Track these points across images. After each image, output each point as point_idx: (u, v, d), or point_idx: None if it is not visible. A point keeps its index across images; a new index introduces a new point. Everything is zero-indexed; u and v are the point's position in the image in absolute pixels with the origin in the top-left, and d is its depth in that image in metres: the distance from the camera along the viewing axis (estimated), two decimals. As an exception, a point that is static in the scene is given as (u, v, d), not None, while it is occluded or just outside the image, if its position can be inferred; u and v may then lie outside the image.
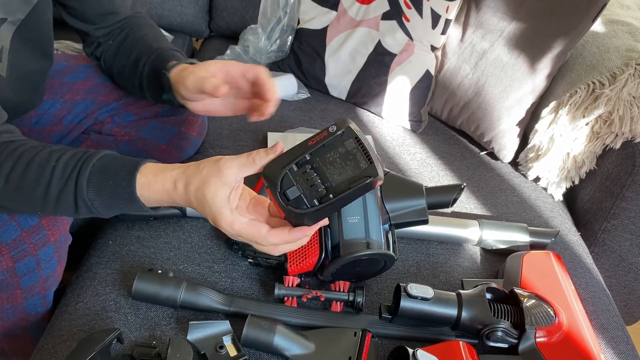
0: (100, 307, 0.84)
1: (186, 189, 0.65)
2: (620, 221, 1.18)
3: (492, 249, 1.04)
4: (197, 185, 0.64)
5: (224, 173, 0.63)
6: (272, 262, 0.91)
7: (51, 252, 0.82)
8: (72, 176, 0.67)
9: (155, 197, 0.67)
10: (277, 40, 1.44)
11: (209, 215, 0.66)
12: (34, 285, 0.83)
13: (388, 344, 0.85)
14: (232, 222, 0.65)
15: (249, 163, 0.64)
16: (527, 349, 0.80)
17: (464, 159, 1.33)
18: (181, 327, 0.83)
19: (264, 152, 0.64)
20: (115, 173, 0.67)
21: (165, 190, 0.66)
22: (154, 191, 0.67)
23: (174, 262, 0.93)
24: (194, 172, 0.65)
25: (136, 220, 0.99)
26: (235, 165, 0.64)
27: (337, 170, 0.61)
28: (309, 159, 0.62)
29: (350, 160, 0.61)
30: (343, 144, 0.61)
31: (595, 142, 1.18)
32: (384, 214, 0.89)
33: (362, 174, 0.60)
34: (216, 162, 0.65)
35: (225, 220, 0.65)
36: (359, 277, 0.92)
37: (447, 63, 1.36)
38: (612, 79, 1.14)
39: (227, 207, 0.64)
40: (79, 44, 1.40)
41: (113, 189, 0.67)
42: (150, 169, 0.68)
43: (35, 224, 0.79)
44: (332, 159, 0.61)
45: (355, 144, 0.61)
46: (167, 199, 0.67)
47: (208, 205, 0.65)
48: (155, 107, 1.08)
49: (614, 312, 0.99)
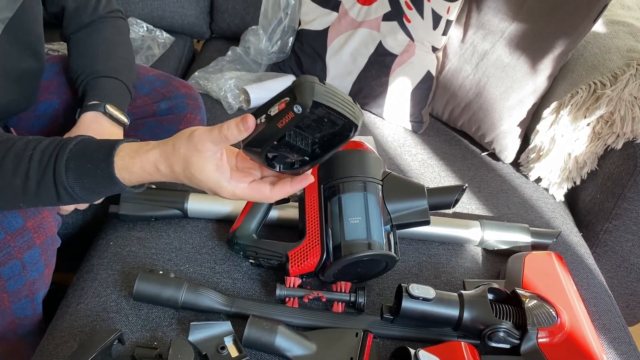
0: (102, 308, 0.84)
1: (172, 170, 0.64)
2: (621, 222, 1.18)
3: (494, 249, 1.04)
4: (182, 166, 0.63)
5: (200, 150, 0.62)
6: (273, 262, 0.90)
7: (37, 255, 0.80)
8: (49, 163, 0.66)
9: (136, 178, 0.66)
10: (278, 41, 1.44)
11: (207, 190, 0.66)
12: (21, 289, 0.82)
13: (390, 344, 0.85)
14: (233, 191, 0.65)
15: (221, 139, 0.61)
16: (529, 350, 0.80)
17: (465, 160, 1.33)
18: (182, 327, 0.82)
19: (234, 127, 0.60)
20: (93, 156, 0.66)
21: (146, 173, 0.65)
22: (134, 173, 0.65)
23: (175, 263, 0.93)
24: (172, 151, 0.64)
25: (137, 221, 0.99)
26: (209, 141, 0.62)
27: (321, 131, 0.61)
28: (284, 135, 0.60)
29: (327, 122, 0.59)
30: (314, 113, 0.57)
31: (597, 142, 1.17)
32: (386, 215, 0.89)
33: (342, 130, 0.60)
34: (190, 139, 0.62)
35: (226, 192, 0.65)
36: (361, 277, 0.91)
37: (448, 64, 1.36)
38: (614, 80, 1.13)
39: (221, 179, 0.64)
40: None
41: (92, 172, 0.65)
42: (126, 150, 0.66)
43: (20, 226, 0.77)
44: (311, 126, 0.60)
45: (326, 111, 0.57)
46: (149, 180, 0.66)
47: (201, 182, 0.64)
48: (153, 106, 1.08)
49: (616, 312, 0.98)
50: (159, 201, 0.99)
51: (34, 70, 0.95)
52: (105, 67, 0.98)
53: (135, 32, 1.55)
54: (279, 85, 1.40)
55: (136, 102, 1.07)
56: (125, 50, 1.06)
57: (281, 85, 1.40)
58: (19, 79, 0.91)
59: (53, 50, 1.34)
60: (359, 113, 0.60)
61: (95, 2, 1.03)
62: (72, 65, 1.00)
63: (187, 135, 0.63)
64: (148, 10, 1.59)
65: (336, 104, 0.57)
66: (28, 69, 0.93)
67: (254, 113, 0.61)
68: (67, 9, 1.01)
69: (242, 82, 1.38)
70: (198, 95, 1.16)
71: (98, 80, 0.96)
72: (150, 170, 0.65)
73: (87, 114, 0.91)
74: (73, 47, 1.02)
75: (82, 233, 1.11)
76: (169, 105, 1.09)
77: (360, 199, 0.88)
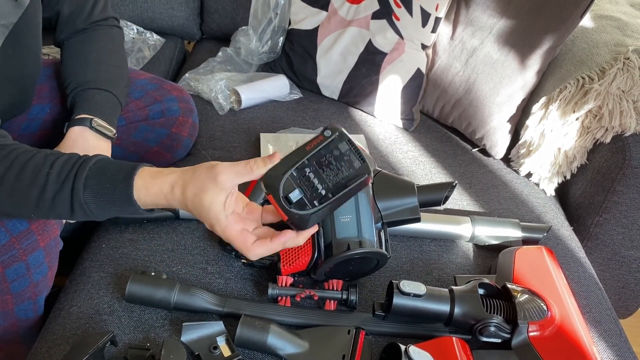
0: (94, 310, 0.85)
1: (183, 193, 0.67)
2: (612, 215, 1.19)
3: (485, 245, 1.04)
4: (195, 191, 0.66)
5: (220, 180, 0.65)
6: (265, 262, 0.91)
7: (41, 257, 0.82)
8: (68, 179, 0.68)
9: (151, 200, 0.68)
10: (269, 41, 1.44)
11: (206, 220, 0.68)
12: (25, 291, 0.83)
13: (382, 341, 0.85)
14: (226, 227, 0.67)
15: (245, 171, 0.66)
16: (520, 344, 0.81)
17: (456, 156, 1.33)
18: (175, 328, 0.83)
19: (261, 162, 0.66)
20: (113, 176, 0.68)
21: (162, 194, 0.67)
22: (151, 194, 0.68)
23: (167, 265, 0.93)
24: (191, 177, 0.67)
25: (129, 224, 0.99)
26: (232, 172, 0.65)
27: (333, 172, 0.66)
28: (307, 163, 0.66)
29: (344, 161, 0.66)
30: (337, 146, 0.66)
31: (586, 136, 1.18)
32: (376, 213, 0.89)
33: (357, 173, 0.66)
34: (212, 168, 0.66)
35: (220, 226, 0.67)
36: (352, 275, 0.92)
37: (438, 61, 1.37)
38: (601, 74, 1.14)
39: (223, 213, 0.66)
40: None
41: (110, 192, 0.68)
42: (147, 172, 0.69)
43: (25, 229, 0.79)
44: (328, 162, 0.66)
45: (349, 146, 0.66)
46: (163, 202, 0.68)
47: (205, 211, 0.66)
48: (145, 110, 1.08)
49: (607, 305, 0.99)
50: (150, 203, 0.99)
51: (33, 75, 0.95)
52: (96, 78, 0.99)
53: (126, 35, 1.54)
54: (270, 86, 1.40)
55: (128, 106, 1.08)
56: (118, 59, 1.05)
57: (272, 85, 1.40)
58: (19, 83, 0.92)
59: (44, 54, 1.34)
60: (372, 165, 0.68)
61: (90, 8, 1.03)
62: (63, 72, 1.00)
63: (208, 166, 0.67)
64: (138, 12, 1.59)
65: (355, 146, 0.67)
66: (29, 73, 0.93)
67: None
68: (61, 13, 1.01)
69: (233, 82, 1.38)
70: (190, 98, 1.16)
71: (87, 92, 0.96)
72: (166, 191, 0.67)
73: (74, 128, 0.92)
74: (65, 53, 1.02)
75: (75, 237, 1.11)
76: (161, 109, 1.10)
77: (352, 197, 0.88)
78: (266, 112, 1.37)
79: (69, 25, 1.02)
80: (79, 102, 0.95)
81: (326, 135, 0.66)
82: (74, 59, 1.01)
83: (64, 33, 1.03)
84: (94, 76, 0.99)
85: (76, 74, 0.99)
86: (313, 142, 0.66)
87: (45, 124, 1.04)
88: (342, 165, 0.66)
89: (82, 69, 1.00)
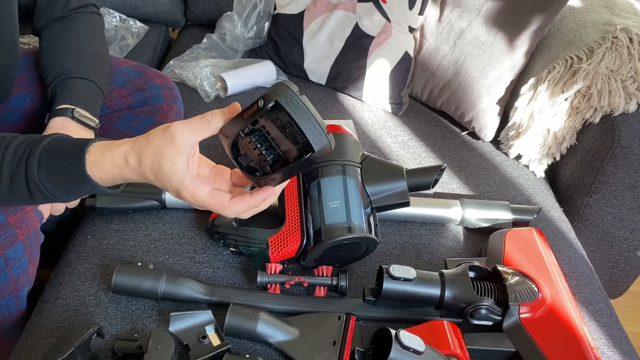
0: (80, 302, 0.83)
1: (140, 163, 0.62)
2: (602, 195, 1.19)
3: (475, 227, 1.04)
4: (152, 158, 0.61)
5: (177, 140, 0.60)
6: (253, 249, 0.90)
7: (20, 250, 0.79)
8: (22, 159, 0.64)
9: (106, 175, 0.64)
10: (254, 26, 1.42)
11: (170, 187, 0.63)
12: (5, 285, 0.81)
13: (372, 326, 0.84)
14: (194, 191, 0.62)
15: (203, 126, 0.60)
16: (511, 326, 0.81)
17: (445, 140, 1.32)
18: (163, 319, 0.82)
19: (220, 113, 0.60)
20: (65, 152, 0.64)
21: (115, 166, 0.63)
22: (104, 168, 0.63)
23: (154, 255, 0.92)
24: (145, 144, 0.62)
25: (115, 214, 0.98)
26: (189, 130, 0.60)
27: (281, 141, 0.58)
28: (252, 128, 0.59)
29: (288, 133, 0.57)
30: (277, 117, 0.56)
31: (575, 117, 1.17)
32: (365, 198, 0.89)
33: (301, 150, 0.57)
34: (166, 129, 0.61)
35: (187, 190, 0.62)
36: (342, 261, 0.91)
37: (426, 44, 1.35)
38: (590, 54, 1.13)
39: (187, 177, 0.62)
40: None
41: (63, 168, 0.64)
42: (99, 146, 0.64)
43: (2, 222, 0.76)
44: (273, 130, 0.58)
45: (288, 119, 0.56)
46: (119, 175, 0.64)
47: (167, 177, 0.62)
48: (128, 98, 1.07)
49: (597, 285, 0.99)
50: (136, 193, 0.98)
51: (10, 64, 0.93)
52: (76, 67, 0.96)
53: (108, 22, 1.52)
54: (256, 72, 1.38)
55: (111, 94, 1.06)
56: (98, 47, 1.03)
57: (258, 71, 1.39)
58: None
59: (23, 44, 1.31)
60: (324, 141, 0.56)
61: None
62: (43, 62, 0.98)
63: (162, 128, 0.61)
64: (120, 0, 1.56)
65: (300, 118, 0.55)
66: (5, 63, 0.91)
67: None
68: (38, 1, 0.99)
69: (218, 69, 1.36)
70: (174, 85, 1.15)
71: (68, 82, 0.94)
72: (119, 163, 0.63)
73: (55, 119, 0.90)
74: (44, 42, 1.00)
75: (60, 228, 1.10)
76: (145, 97, 1.08)
77: (339, 182, 0.88)
78: (253, 99, 1.30)
79: (46, 12, 0.99)
80: (60, 92, 0.93)
81: (259, 106, 0.56)
82: (53, 47, 0.99)
83: (42, 21, 1.00)
84: (75, 65, 0.97)
85: (56, 63, 0.97)
86: (249, 110, 0.58)
87: (26, 115, 1.02)
88: (287, 137, 0.57)
89: (62, 57, 0.97)
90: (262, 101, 0.56)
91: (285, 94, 0.56)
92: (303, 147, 0.56)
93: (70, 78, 0.95)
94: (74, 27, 1.01)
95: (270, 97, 0.56)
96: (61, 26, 1.00)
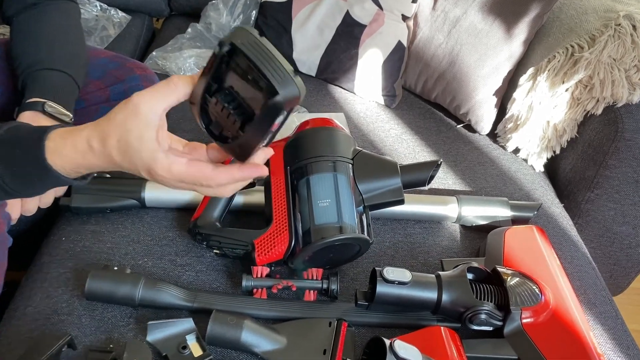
0: (52, 310, 0.78)
1: (104, 145, 0.55)
2: (604, 190, 1.16)
3: (472, 225, 1.00)
4: (117, 135, 0.54)
5: (142, 111, 0.53)
6: (239, 252, 0.85)
7: None
8: None
9: (69, 164, 0.58)
10: (240, 15, 1.39)
11: (141, 165, 0.56)
12: None
13: (365, 332, 0.80)
14: (169, 165, 0.55)
15: (169, 91, 0.54)
16: (513, 331, 0.76)
17: (440, 133, 1.29)
18: (141, 327, 0.77)
19: (186, 77, 0.55)
20: (23, 141, 0.58)
21: (78, 153, 0.57)
22: (66, 157, 0.57)
23: (132, 257, 0.87)
24: (107, 123, 0.55)
25: (91, 214, 0.93)
26: (154, 98, 0.54)
27: (246, 92, 0.52)
28: (217, 87, 0.53)
29: (250, 81, 0.50)
30: (237, 63, 0.50)
31: (576, 108, 1.14)
32: (357, 196, 0.85)
33: (265, 95, 0.50)
34: (128, 101, 0.54)
35: (161, 165, 0.55)
36: (333, 263, 0.87)
37: (420, 33, 1.31)
38: (591, 42, 1.10)
39: (159, 150, 0.55)
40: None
41: (22, 158, 0.58)
42: (59, 132, 0.58)
43: None
44: (236, 81, 0.52)
45: (247, 63, 0.49)
46: (83, 163, 0.58)
47: (137, 154, 0.55)
48: (105, 91, 1.02)
49: (601, 285, 0.95)
50: (114, 191, 0.93)
51: None
52: (49, 58, 0.91)
53: (88, 12, 1.46)
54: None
55: (87, 87, 1.00)
56: (73, 36, 0.98)
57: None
58: None
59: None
60: (289, 82, 0.49)
61: None
62: (13, 52, 0.92)
63: (125, 101, 0.55)
64: (101, -12, 1.50)
65: (259, 60, 0.49)
66: None
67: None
68: None
69: (203, 60, 1.31)
70: (155, 76, 1.10)
71: (40, 74, 0.89)
72: (82, 149, 0.56)
73: (25, 113, 0.84)
74: (15, 31, 0.94)
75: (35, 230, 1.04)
76: (123, 89, 1.03)
77: (330, 180, 0.83)
78: None
79: None
80: (31, 85, 0.88)
81: (215, 53, 0.50)
82: (25, 37, 0.93)
83: (13, 8, 0.94)
84: (47, 56, 0.91)
85: (27, 53, 0.91)
86: (208, 64, 0.52)
87: (-4, 108, 0.96)
88: (250, 85, 0.51)
89: (33, 48, 0.92)
90: (217, 47, 0.50)
91: (242, 35, 0.49)
92: (267, 91, 0.49)
93: (42, 69, 0.89)
94: (47, 15, 0.96)
95: (226, 40, 0.50)
96: (33, 14, 0.95)
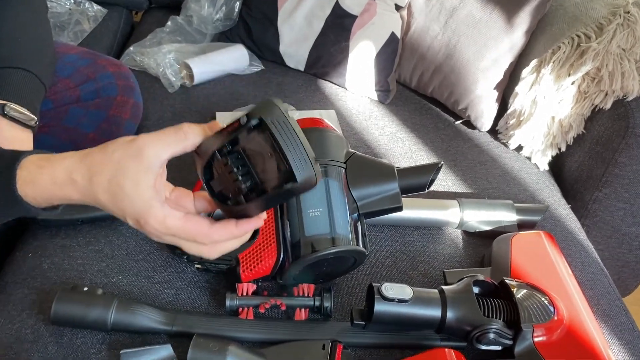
0: (14, 337, 0.71)
1: (90, 182, 0.51)
2: (612, 189, 1.11)
3: (476, 231, 0.95)
4: (109, 174, 0.50)
5: (145, 155, 0.50)
6: (222, 266, 0.78)
7: None
8: None
9: (43, 195, 0.53)
10: (223, 7, 1.33)
11: (130, 213, 0.52)
12: None
13: (363, 354, 0.75)
14: (164, 218, 0.51)
15: (178, 139, 0.51)
16: (524, 351, 0.71)
17: (438, 130, 1.25)
18: (114, 354, 0.71)
19: (198, 127, 0.52)
20: None
21: (55, 185, 0.52)
22: (41, 187, 0.53)
23: (105, 275, 0.80)
24: (101, 158, 0.51)
25: (61, 226, 0.86)
26: (161, 144, 0.50)
27: (260, 167, 0.51)
28: (230, 149, 0.51)
29: (270, 158, 0.50)
30: (259, 137, 0.50)
31: (583, 102, 1.10)
32: (351, 203, 0.79)
33: (282, 178, 0.50)
34: (132, 142, 0.51)
35: (155, 217, 0.51)
36: (326, 277, 0.82)
37: (414, 23, 1.27)
38: (599, 31, 1.06)
39: (156, 199, 0.51)
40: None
41: None
42: (34, 160, 0.54)
43: None
44: (254, 153, 0.51)
45: (271, 141, 0.49)
46: (58, 195, 0.53)
47: (128, 200, 0.51)
48: (75, 90, 0.97)
49: (615, 295, 0.90)
50: (85, 201, 0.85)
51: None
52: (11, 55, 0.84)
53: (61, 5, 1.39)
54: (227, 57, 1.28)
55: (56, 86, 0.94)
56: (39, 31, 0.91)
57: (229, 57, 1.28)
58: None
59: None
60: (309, 171, 0.49)
61: None
62: None
63: (127, 140, 0.51)
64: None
65: (285, 141, 0.49)
66: None
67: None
68: None
69: (184, 55, 1.25)
70: (130, 73, 1.05)
71: (0, 73, 0.82)
72: (61, 181, 0.52)
73: None
74: None
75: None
76: (95, 88, 0.98)
77: (321, 186, 0.78)
78: (223, 88, 1.26)
79: None
80: None
81: (241, 123, 0.51)
82: None
83: None
84: (9, 52, 0.84)
85: None
86: (230, 127, 0.52)
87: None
88: (268, 162, 0.51)
89: None
90: (245, 117, 0.51)
91: (272, 112, 0.50)
92: (284, 175, 0.49)
93: (3, 68, 0.82)
94: (8, 7, 0.88)
95: (255, 113, 0.50)
96: None
